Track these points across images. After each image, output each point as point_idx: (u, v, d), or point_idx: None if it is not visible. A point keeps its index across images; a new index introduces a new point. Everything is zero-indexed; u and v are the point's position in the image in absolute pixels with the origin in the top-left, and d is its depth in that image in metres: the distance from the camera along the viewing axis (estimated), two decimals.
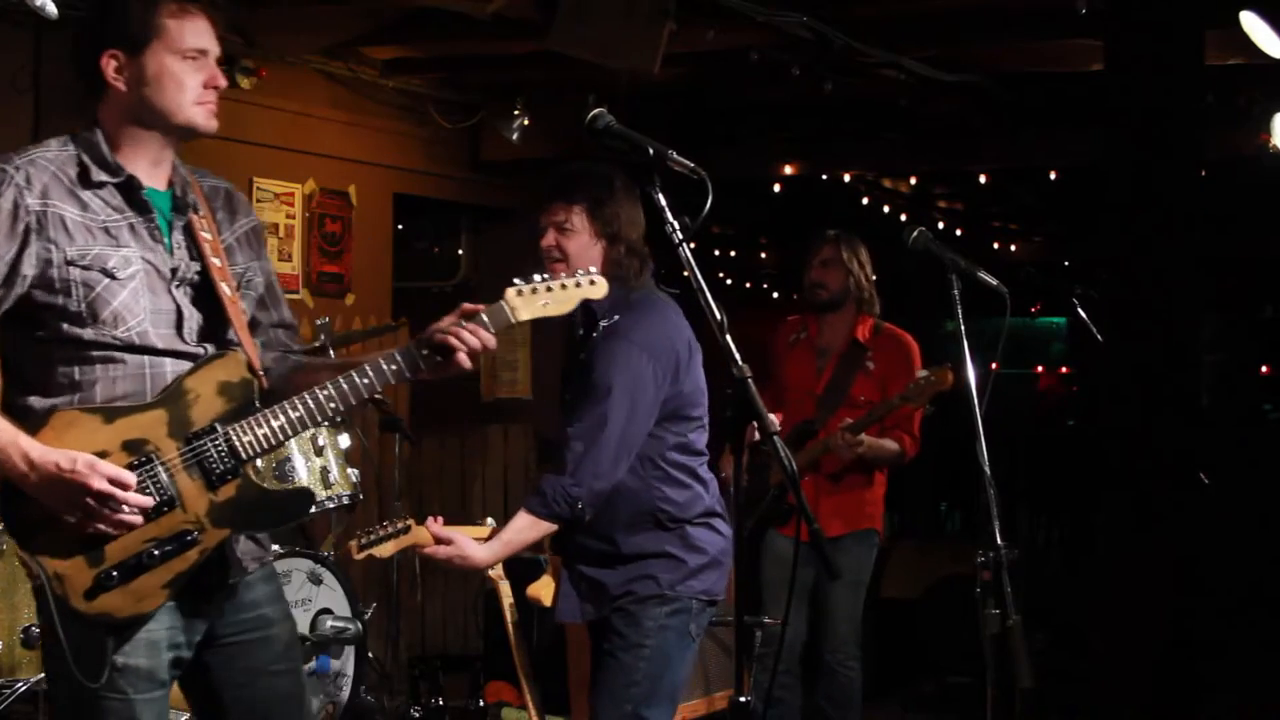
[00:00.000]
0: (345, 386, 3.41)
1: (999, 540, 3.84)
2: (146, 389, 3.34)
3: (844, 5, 7.02)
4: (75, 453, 3.19)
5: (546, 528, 4.23)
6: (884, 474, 6.41)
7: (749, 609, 4.62)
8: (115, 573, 3.24)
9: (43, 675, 5.17)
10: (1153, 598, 6.39)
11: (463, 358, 3.45)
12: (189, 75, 3.37)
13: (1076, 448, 10.86)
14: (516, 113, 8.70)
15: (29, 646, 5.30)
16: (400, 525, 4.17)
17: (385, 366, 3.44)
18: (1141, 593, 6.41)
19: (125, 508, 3.22)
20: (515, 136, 8.75)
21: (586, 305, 3.89)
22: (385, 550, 4.18)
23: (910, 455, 6.32)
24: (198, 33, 3.38)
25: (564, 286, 3.65)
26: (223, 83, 3.43)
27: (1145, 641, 6.41)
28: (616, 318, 4.30)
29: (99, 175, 3.35)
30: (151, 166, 3.42)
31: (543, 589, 4.30)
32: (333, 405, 3.40)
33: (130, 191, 3.38)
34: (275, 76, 7.83)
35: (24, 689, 5.36)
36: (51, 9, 5.66)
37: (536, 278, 3.63)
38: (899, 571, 8.84)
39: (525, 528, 4.22)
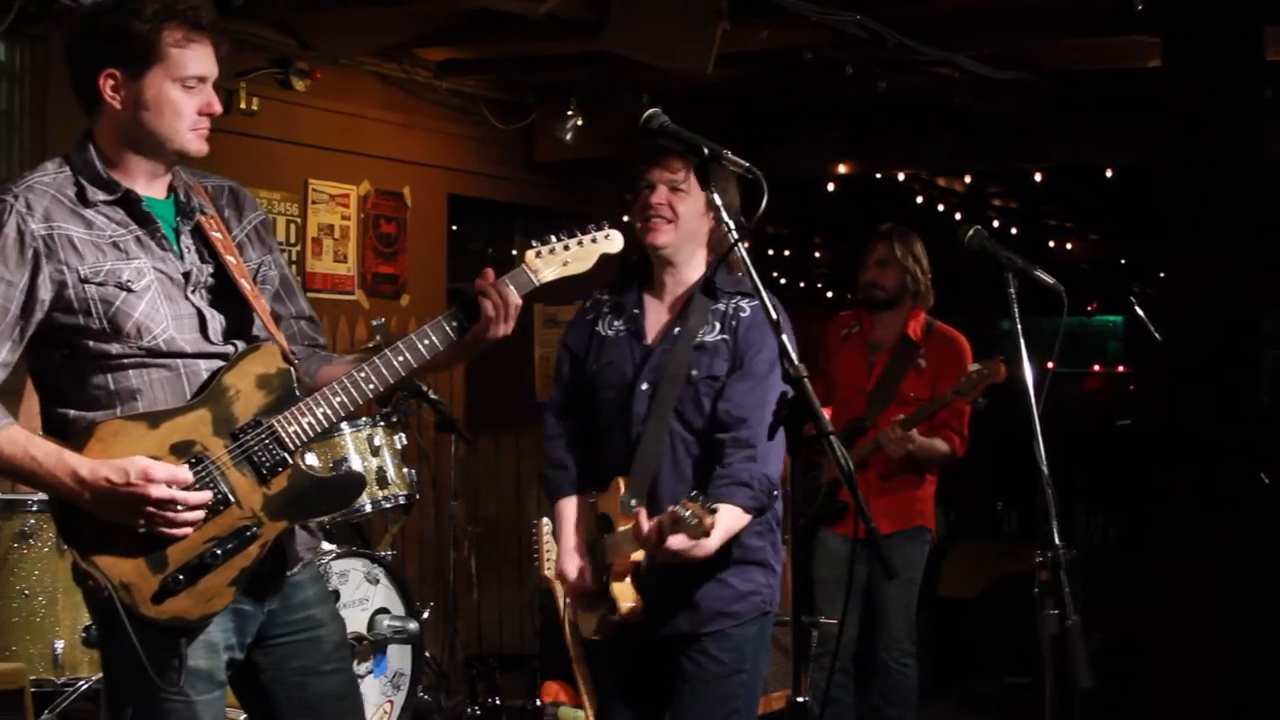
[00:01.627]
0: (382, 366, 3.40)
1: (1057, 540, 3.82)
2: (185, 389, 3.35)
3: (898, 3, 7.00)
4: (124, 462, 3.19)
5: (746, 521, 4.04)
6: (934, 472, 6.39)
7: (804, 609, 4.60)
8: (181, 575, 3.25)
9: (102, 676, 5.22)
10: (1212, 598, 6.34)
11: (496, 322, 3.43)
12: (186, 102, 3.34)
13: (1134, 447, 10.79)
14: (570, 113, 8.72)
15: (90, 646, 5.34)
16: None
17: (418, 342, 3.43)
18: (1200, 593, 6.36)
19: (186, 508, 3.23)
20: (569, 137, 8.77)
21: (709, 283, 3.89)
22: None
23: (959, 456, 6.30)
24: (199, 60, 3.34)
25: (580, 243, 3.62)
26: (218, 109, 3.40)
27: (1204, 642, 6.36)
28: (750, 301, 4.12)
29: (96, 195, 3.33)
30: (149, 178, 3.41)
31: (623, 593, 4.11)
32: (371, 385, 3.40)
33: (130, 205, 3.36)
34: (330, 79, 7.87)
35: (85, 687, 5.41)
36: None
37: (553, 237, 3.60)
38: (955, 571, 8.82)
39: (736, 523, 3.96)
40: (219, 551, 3.28)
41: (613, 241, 3.69)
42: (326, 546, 5.88)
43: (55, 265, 3.25)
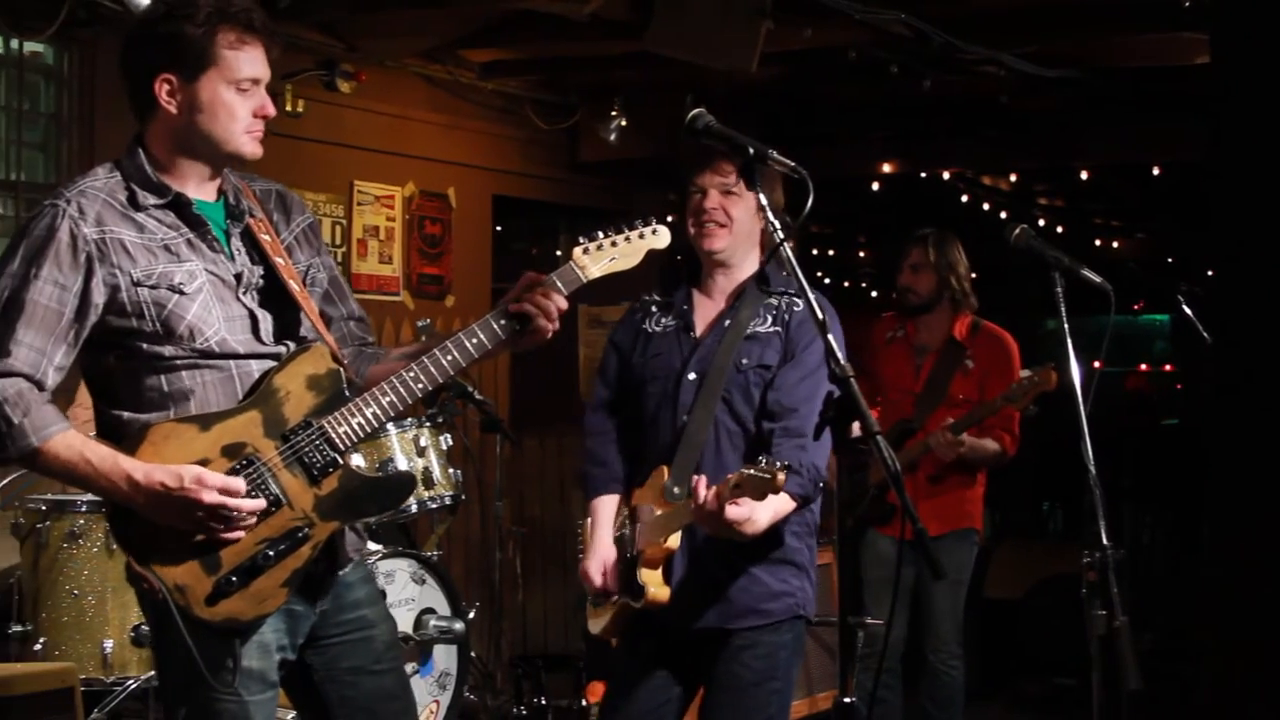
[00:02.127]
0: (430, 365, 3.42)
1: (1105, 540, 3.80)
2: (237, 390, 3.37)
3: (942, 1, 6.97)
4: (179, 468, 3.21)
5: (792, 508, 4.03)
6: (984, 473, 6.36)
7: (851, 610, 4.57)
8: (234, 577, 3.26)
9: (152, 673, 5.25)
10: (1262, 598, 6.29)
11: (542, 323, 3.45)
12: (241, 105, 3.36)
13: (1181, 446, 10.72)
14: (614, 113, 8.72)
15: (139, 645, 5.37)
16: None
17: (466, 341, 3.44)
18: (1250, 593, 6.31)
19: (238, 515, 3.25)
20: (613, 137, 8.77)
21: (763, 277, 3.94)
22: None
23: (1010, 455, 6.26)
24: (253, 62, 3.37)
25: (628, 239, 3.63)
26: (272, 111, 3.42)
27: (1255, 643, 6.31)
28: (799, 299, 4.11)
29: (147, 199, 3.35)
30: (200, 181, 3.43)
31: (654, 581, 4.09)
32: (420, 385, 3.41)
33: (180, 208, 3.38)
34: (375, 80, 7.90)
35: (134, 686, 5.44)
36: (143, 1, 5.76)
37: (599, 233, 3.61)
38: (1001, 571, 8.77)
39: (784, 507, 3.96)
40: (271, 553, 3.29)
41: (660, 237, 3.70)
42: (373, 547, 5.90)
43: (108, 269, 3.27)
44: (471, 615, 6.41)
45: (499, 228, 9.32)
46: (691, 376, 4.15)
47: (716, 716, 4.13)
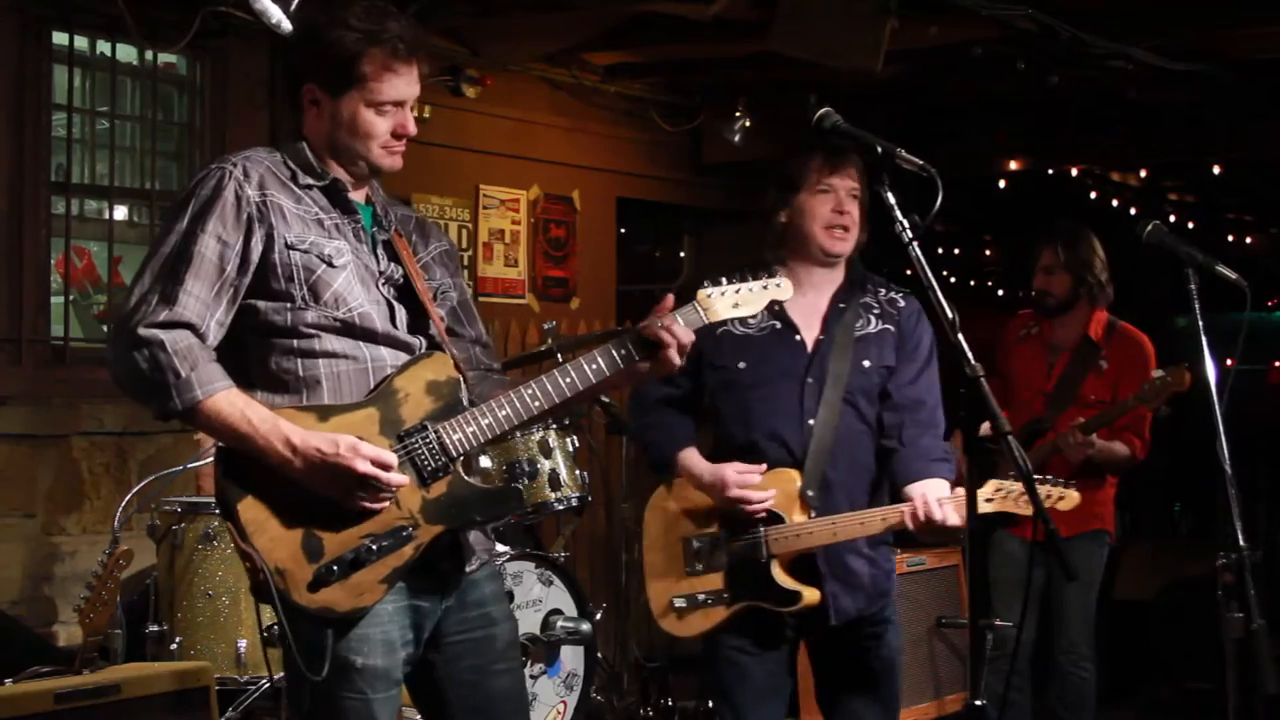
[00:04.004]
0: (549, 385, 3.45)
1: (1241, 541, 3.74)
2: (370, 384, 3.41)
3: None
4: (335, 435, 3.27)
5: None
6: (1114, 475, 6.27)
7: (981, 611, 4.56)
8: (335, 567, 3.31)
9: (283, 674, 5.32)
10: None
11: (672, 354, 3.48)
12: (380, 124, 3.44)
13: None
14: (738, 115, 8.72)
15: (272, 645, 5.44)
16: None
17: (587, 366, 3.48)
18: None
19: (386, 487, 3.30)
20: (736, 139, 8.76)
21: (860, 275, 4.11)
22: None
23: (1140, 459, 6.17)
24: (397, 87, 3.44)
25: (751, 289, 3.66)
26: (412, 130, 3.49)
27: None
28: (898, 291, 4.34)
29: (305, 179, 3.46)
30: (351, 180, 3.52)
31: (798, 584, 4.16)
32: (537, 403, 3.44)
33: (335, 194, 3.48)
34: (499, 85, 7.96)
35: (267, 686, 5.51)
36: (287, 26, 5.87)
37: (723, 279, 3.65)
38: (1132, 573, 8.66)
39: (945, 493, 4.12)
40: (374, 547, 3.33)
41: (784, 290, 3.74)
42: (500, 548, 5.93)
43: (266, 229, 3.35)
44: (598, 616, 6.42)
45: (623, 230, 9.35)
46: (810, 381, 4.21)
47: (857, 698, 4.25)
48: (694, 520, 4.32)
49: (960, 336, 3.28)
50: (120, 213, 6.91)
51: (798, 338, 4.25)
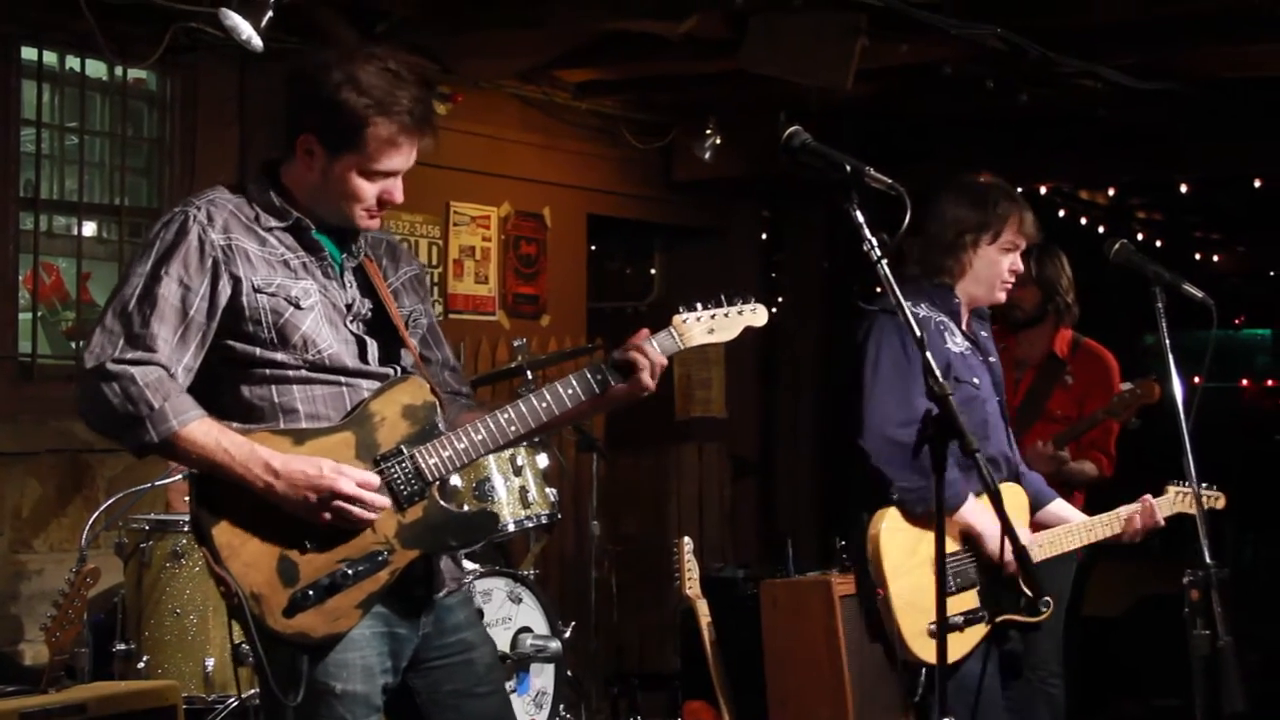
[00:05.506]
0: (524, 409, 3.47)
1: (1208, 558, 3.76)
2: (347, 408, 3.42)
3: (1038, 15, 6.92)
4: (317, 459, 3.28)
5: None
6: (1082, 491, 6.30)
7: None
8: (310, 592, 3.30)
9: (254, 691, 5.30)
10: None
11: (645, 377, 3.52)
12: (368, 190, 3.43)
13: None
14: (708, 132, 8.73)
15: (240, 663, 5.42)
16: None
17: (562, 391, 3.50)
18: None
19: (369, 508, 3.30)
20: (707, 155, 8.77)
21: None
22: None
23: (1108, 475, 6.20)
24: (395, 160, 3.43)
25: (727, 314, 3.70)
26: (399, 200, 3.48)
27: None
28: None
29: (269, 220, 3.43)
30: (320, 221, 3.50)
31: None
32: (513, 428, 3.45)
33: (300, 233, 3.46)
34: (470, 101, 7.95)
35: (235, 704, 5.48)
36: (257, 42, 5.86)
37: (699, 305, 3.68)
38: (1101, 589, 8.67)
39: None
40: (350, 572, 3.32)
41: (758, 315, 3.77)
42: (470, 566, 5.92)
43: (231, 274, 3.34)
44: (568, 634, 6.42)
45: (594, 247, 9.35)
46: (996, 399, 4.54)
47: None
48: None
49: (928, 354, 3.29)
50: (89, 229, 6.88)
51: (992, 359, 4.56)
